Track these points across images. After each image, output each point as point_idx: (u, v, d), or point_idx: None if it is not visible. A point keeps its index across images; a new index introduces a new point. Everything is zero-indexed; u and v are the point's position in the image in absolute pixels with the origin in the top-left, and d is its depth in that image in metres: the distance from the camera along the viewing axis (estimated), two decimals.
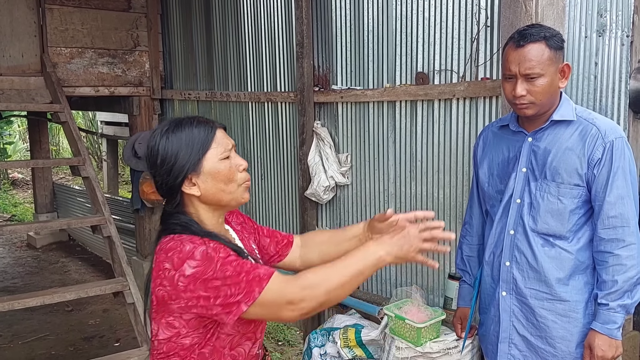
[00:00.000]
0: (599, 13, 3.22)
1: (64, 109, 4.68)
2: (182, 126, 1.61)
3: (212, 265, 1.48)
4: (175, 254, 1.50)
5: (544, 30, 2.14)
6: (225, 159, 1.62)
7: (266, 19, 4.44)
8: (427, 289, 3.51)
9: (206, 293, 1.47)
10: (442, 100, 3.32)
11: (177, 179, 1.59)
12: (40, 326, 5.18)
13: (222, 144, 1.63)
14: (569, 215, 2.21)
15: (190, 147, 1.58)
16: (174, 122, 1.63)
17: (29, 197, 11.10)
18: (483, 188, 2.47)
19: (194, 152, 1.59)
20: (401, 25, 3.49)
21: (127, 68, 5.39)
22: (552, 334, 2.28)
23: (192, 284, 1.47)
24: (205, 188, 1.61)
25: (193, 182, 1.60)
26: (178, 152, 1.58)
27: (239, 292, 1.47)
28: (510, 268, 2.34)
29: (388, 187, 3.68)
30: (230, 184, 1.63)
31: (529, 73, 2.11)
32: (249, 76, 4.68)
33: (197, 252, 1.48)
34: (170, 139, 1.59)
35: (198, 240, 1.53)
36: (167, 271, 1.50)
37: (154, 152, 1.61)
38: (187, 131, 1.60)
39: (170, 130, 1.61)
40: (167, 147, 1.59)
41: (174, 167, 1.58)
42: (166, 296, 1.51)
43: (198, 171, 1.59)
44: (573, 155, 2.18)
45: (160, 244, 1.57)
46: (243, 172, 1.67)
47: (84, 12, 5.12)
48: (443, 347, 3.01)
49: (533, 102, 2.15)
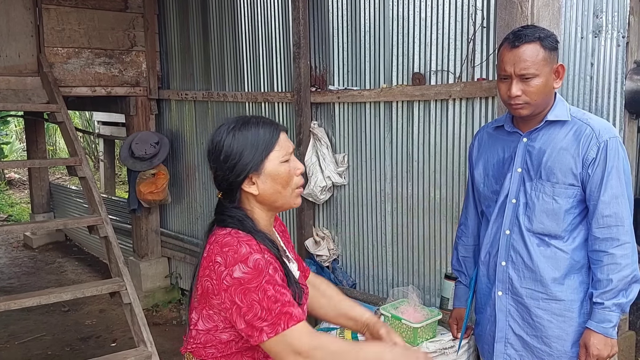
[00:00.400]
0: (595, 14, 3.23)
1: (61, 109, 4.67)
2: (248, 125, 1.64)
3: (260, 278, 1.50)
4: (231, 252, 1.52)
5: (538, 31, 2.15)
6: (285, 162, 1.66)
7: (263, 19, 4.44)
8: (423, 289, 3.51)
9: (241, 303, 1.50)
10: (438, 101, 3.33)
11: (239, 177, 1.62)
12: (37, 326, 5.18)
13: (284, 147, 1.66)
14: (564, 214, 2.22)
15: (255, 147, 1.62)
16: (241, 120, 1.66)
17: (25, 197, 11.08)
18: (478, 189, 2.48)
19: (258, 152, 1.62)
20: (398, 25, 3.50)
21: (124, 68, 5.39)
22: (547, 334, 2.28)
23: (235, 287, 1.50)
24: (264, 188, 1.64)
25: (253, 181, 1.63)
26: (243, 150, 1.61)
27: (267, 319, 1.50)
28: (506, 268, 2.35)
29: (385, 187, 3.69)
30: (287, 187, 1.67)
31: (524, 73, 2.12)
32: (245, 76, 4.68)
33: (251, 259, 1.51)
34: (237, 137, 1.62)
35: (255, 245, 1.55)
36: (218, 265, 1.52)
37: (219, 148, 1.63)
38: (254, 131, 1.63)
39: (237, 128, 1.63)
40: (233, 144, 1.61)
41: (237, 164, 1.61)
42: (210, 289, 1.54)
43: (259, 171, 1.63)
44: (568, 155, 2.19)
45: (216, 235, 1.60)
46: (299, 176, 1.70)
47: (81, 12, 5.11)
48: (439, 347, 3.02)
49: (528, 103, 2.16)
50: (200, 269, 1.59)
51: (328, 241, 4.05)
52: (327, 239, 4.06)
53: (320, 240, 4.07)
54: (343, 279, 3.96)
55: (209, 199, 5.22)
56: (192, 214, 5.48)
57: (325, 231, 4.10)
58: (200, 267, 1.59)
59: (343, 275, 3.98)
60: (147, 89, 5.53)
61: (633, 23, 3.56)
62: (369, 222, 3.83)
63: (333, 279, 3.98)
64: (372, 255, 3.84)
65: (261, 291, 1.49)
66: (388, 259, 3.73)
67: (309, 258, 4.11)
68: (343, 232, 4.01)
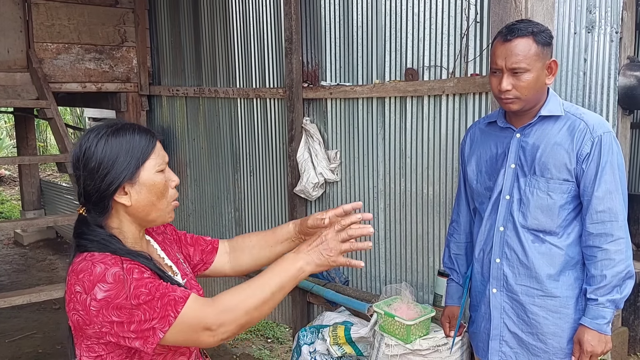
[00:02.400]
0: (588, 9, 3.22)
1: (51, 105, 4.63)
2: (122, 131, 1.52)
3: (125, 288, 1.39)
4: (86, 276, 1.40)
5: (532, 25, 2.14)
6: (161, 171, 1.56)
7: (255, 14, 4.41)
8: (416, 286, 3.50)
9: (119, 318, 1.39)
10: (431, 97, 3.31)
11: (112, 186, 1.49)
12: (27, 324, 5.14)
13: (160, 155, 1.56)
14: (559, 210, 2.21)
15: (130, 154, 1.50)
16: (113, 125, 1.54)
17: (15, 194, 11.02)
18: (471, 185, 2.46)
19: (133, 159, 1.50)
20: (390, 21, 3.48)
21: (114, 64, 5.34)
22: (543, 330, 2.28)
23: (104, 308, 1.39)
24: (138, 199, 1.53)
25: (126, 191, 1.52)
26: (117, 157, 1.49)
27: (153, 316, 1.39)
28: (500, 265, 2.34)
29: (377, 183, 3.67)
30: (162, 199, 1.56)
31: (515, 67, 2.12)
32: (237, 72, 4.65)
33: (108, 275, 1.40)
34: (110, 143, 1.50)
35: (110, 260, 1.44)
36: (79, 294, 1.41)
37: (89, 155, 1.50)
38: (129, 137, 1.52)
39: (109, 133, 1.51)
40: (106, 150, 1.49)
41: (109, 172, 1.49)
42: (80, 321, 1.43)
43: (134, 180, 1.51)
44: (562, 150, 2.18)
45: (73, 264, 1.48)
46: (174, 189, 1.60)
47: (71, 7, 5.07)
48: (433, 344, 3.00)
49: (518, 97, 2.16)
50: (66, 305, 1.47)
51: None
52: None
53: None
54: (336, 276, 3.94)
55: (201, 196, 5.19)
56: (183, 211, 5.45)
57: None
58: (66, 302, 1.47)
59: (336, 272, 3.96)
60: (138, 84, 5.49)
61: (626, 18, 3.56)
62: None
63: (325, 276, 3.96)
64: (365, 252, 3.82)
65: (134, 298, 1.39)
66: (381, 256, 3.72)
67: None
68: None
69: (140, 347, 1.42)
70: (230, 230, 4.90)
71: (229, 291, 1.48)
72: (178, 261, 1.75)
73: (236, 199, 4.81)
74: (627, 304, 4.03)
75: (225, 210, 4.95)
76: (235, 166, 4.78)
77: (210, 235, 1.99)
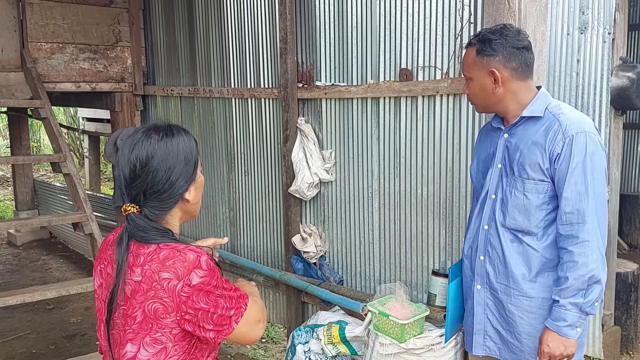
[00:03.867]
0: (581, 10, 3.25)
1: (45, 105, 4.62)
2: (177, 134, 1.60)
3: (216, 275, 1.50)
4: (178, 262, 1.46)
5: (486, 34, 2.25)
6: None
7: (249, 14, 4.41)
8: (410, 285, 3.51)
9: (207, 305, 1.47)
10: (425, 97, 3.32)
11: (185, 185, 1.59)
12: (21, 324, 5.12)
13: None
14: (535, 210, 2.22)
15: (191, 155, 1.60)
16: (161, 129, 1.59)
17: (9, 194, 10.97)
18: (473, 183, 2.53)
19: (192, 160, 1.60)
20: (385, 21, 3.49)
21: (108, 64, 5.34)
22: (519, 329, 2.30)
23: (196, 294, 1.46)
24: (194, 196, 1.63)
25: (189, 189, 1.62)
26: (185, 159, 1.58)
27: (231, 306, 1.52)
28: (484, 262, 2.38)
29: (372, 183, 3.68)
30: (200, 194, 1.67)
31: (464, 74, 2.33)
32: (232, 72, 4.65)
33: (202, 261, 1.48)
34: (173, 145, 1.57)
35: (196, 248, 1.52)
36: (167, 281, 1.45)
37: (157, 157, 1.54)
38: (185, 139, 1.60)
39: (166, 136, 1.57)
40: (173, 153, 1.56)
41: (182, 173, 1.57)
42: (161, 309, 1.46)
43: (195, 179, 1.62)
44: (537, 150, 2.21)
45: (142, 255, 1.51)
46: None
47: (65, 7, 5.06)
48: (427, 343, 3.02)
49: (473, 102, 2.36)
50: (135, 295, 1.48)
51: (315, 238, 4.04)
52: (314, 236, 4.05)
53: (308, 236, 4.06)
54: (330, 276, 3.95)
55: None
56: None
57: (312, 228, 4.09)
58: (134, 292, 1.48)
59: (330, 272, 3.97)
60: (132, 84, 5.48)
61: (619, 19, 3.58)
62: (356, 219, 3.82)
63: (320, 276, 3.97)
64: (359, 251, 3.83)
65: (220, 288, 1.50)
66: (375, 256, 3.73)
67: (296, 255, 4.10)
68: (330, 228, 4.00)
69: (213, 338, 1.51)
70: (225, 230, 4.91)
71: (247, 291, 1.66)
72: None
73: (231, 199, 4.82)
74: (620, 303, 4.05)
75: (220, 210, 4.95)
76: (230, 166, 4.79)
77: (205, 235, 2.02)
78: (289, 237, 4.12)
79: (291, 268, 4.13)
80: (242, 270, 4.63)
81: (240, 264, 4.63)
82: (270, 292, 4.53)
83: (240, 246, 4.79)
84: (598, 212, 2.13)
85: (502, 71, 2.20)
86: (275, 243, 4.46)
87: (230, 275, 4.83)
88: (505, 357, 2.37)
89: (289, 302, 4.22)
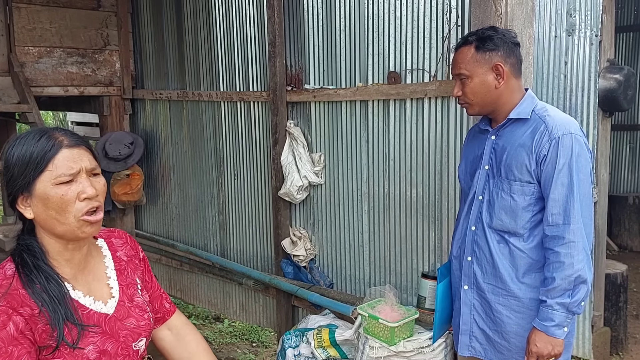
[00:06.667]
0: (569, 12, 3.26)
1: (32, 109, 4.59)
2: (26, 139, 1.42)
3: None
4: None
5: (481, 32, 2.26)
6: (61, 184, 1.39)
7: (238, 17, 4.41)
8: (400, 288, 3.51)
9: None
10: (414, 100, 3.33)
11: (10, 195, 1.43)
12: None
13: (62, 167, 1.40)
14: (521, 212, 2.24)
15: (25, 164, 1.39)
16: (28, 132, 1.45)
17: None
18: (461, 184, 2.54)
19: (27, 170, 1.39)
20: (373, 24, 3.49)
21: (97, 67, 5.31)
22: (506, 329, 2.32)
23: None
24: (37, 212, 1.41)
25: (28, 202, 1.42)
26: (15, 165, 1.40)
27: None
28: (471, 263, 2.40)
29: (361, 186, 3.68)
30: (63, 214, 1.40)
31: (458, 73, 2.28)
32: (221, 75, 4.64)
33: None
34: (15, 149, 1.42)
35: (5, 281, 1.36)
36: None
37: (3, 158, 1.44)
38: (27, 146, 1.40)
39: (22, 138, 1.43)
40: (10, 157, 1.42)
41: (9, 180, 1.41)
42: None
43: (31, 192, 1.40)
44: (523, 152, 2.22)
45: None
46: (84, 202, 1.41)
47: (52, 11, 5.03)
48: (416, 345, 3.01)
49: (468, 102, 2.30)
50: None
51: (305, 241, 4.03)
52: (304, 239, 4.04)
53: (297, 240, 4.05)
54: (320, 279, 3.94)
55: (185, 200, 5.17)
56: (167, 215, 5.42)
57: (302, 231, 4.08)
58: None
59: (320, 275, 3.96)
60: (121, 88, 5.46)
61: (606, 22, 3.60)
62: (345, 222, 3.82)
63: (310, 279, 3.96)
64: (349, 254, 3.83)
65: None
66: (365, 258, 3.73)
67: (286, 258, 4.09)
68: (320, 231, 4.00)
69: None
70: (214, 234, 4.89)
71: None
72: (133, 283, 1.63)
73: (220, 202, 4.80)
74: (609, 304, 4.07)
75: (210, 214, 4.93)
76: (219, 170, 4.77)
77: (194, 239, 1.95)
78: (279, 241, 4.11)
79: (281, 272, 4.12)
80: (231, 274, 4.62)
81: (230, 268, 4.61)
82: (260, 296, 4.52)
83: (229, 250, 4.77)
84: (584, 213, 2.15)
85: (505, 66, 2.22)
86: (265, 246, 4.45)
87: (220, 280, 4.82)
88: (490, 358, 2.38)
89: (279, 305, 4.21)
